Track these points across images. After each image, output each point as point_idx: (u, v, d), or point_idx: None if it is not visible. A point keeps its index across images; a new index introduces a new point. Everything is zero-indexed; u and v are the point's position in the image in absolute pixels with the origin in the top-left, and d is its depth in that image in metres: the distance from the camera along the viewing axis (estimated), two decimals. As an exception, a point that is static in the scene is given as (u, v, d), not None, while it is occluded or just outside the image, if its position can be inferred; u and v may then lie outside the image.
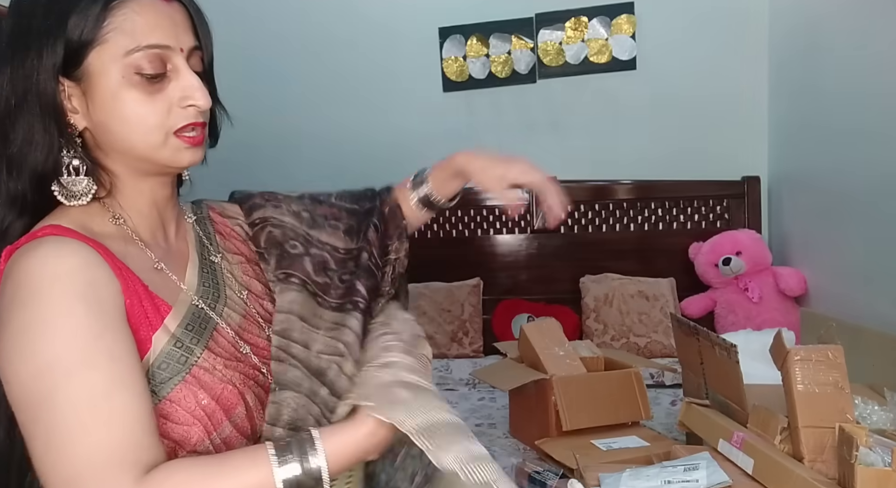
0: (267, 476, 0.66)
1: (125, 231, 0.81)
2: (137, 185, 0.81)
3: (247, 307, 0.87)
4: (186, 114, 0.77)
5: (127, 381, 0.68)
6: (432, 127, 3.29)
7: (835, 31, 2.39)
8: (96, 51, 0.73)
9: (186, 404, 0.74)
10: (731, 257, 2.79)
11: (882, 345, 1.85)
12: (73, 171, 0.77)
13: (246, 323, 0.86)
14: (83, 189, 0.77)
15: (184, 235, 0.90)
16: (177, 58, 0.77)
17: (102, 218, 0.80)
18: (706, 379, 1.60)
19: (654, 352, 2.80)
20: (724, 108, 3.04)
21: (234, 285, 0.88)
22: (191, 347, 0.76)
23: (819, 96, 2.51)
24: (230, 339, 0.82)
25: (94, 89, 0.75)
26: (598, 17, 3.08)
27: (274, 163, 3.36)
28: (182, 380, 0.74)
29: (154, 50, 0.74)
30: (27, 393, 0.67)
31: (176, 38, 0.76)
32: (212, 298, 0.84)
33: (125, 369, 0.69)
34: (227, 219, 0.97)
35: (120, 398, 0.67)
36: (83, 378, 0.66)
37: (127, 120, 0.75)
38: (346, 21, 3.31)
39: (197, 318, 0.80)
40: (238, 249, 0.94)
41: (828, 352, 1.22)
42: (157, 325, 0.75)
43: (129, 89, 0.74)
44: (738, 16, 2.99)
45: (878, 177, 2.09)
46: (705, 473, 1.20)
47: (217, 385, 0.76)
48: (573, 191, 3.15)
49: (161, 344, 0.75)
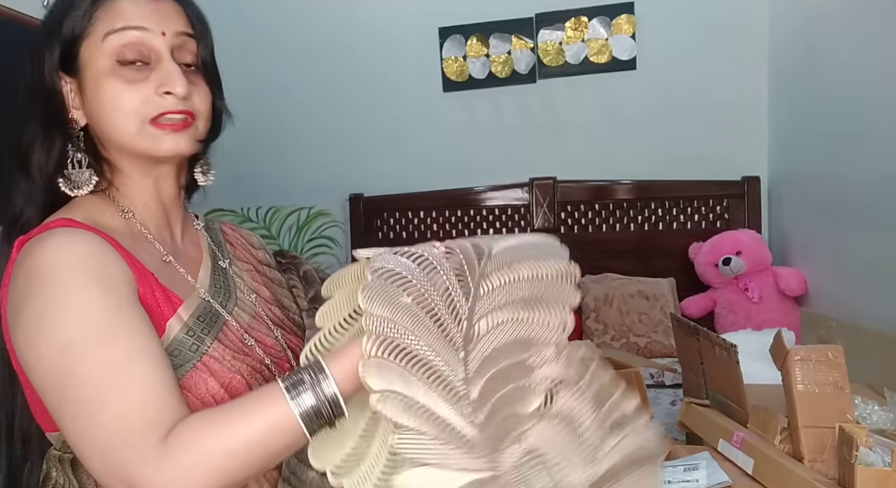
0: (285, 410, 0.63)
1: (134, 224, 0.82)
2: (140, 179, 0.83)
3: (256, 308, 0.89)
4: (164, 102, 0.77)
5: (146, 350, 0.69)
6: (432, 127, 3.30)
7: (834, 31, 2.39)
8: (85, 44, 0.77)
9: (197, 390, 0.75)
10: (731, 257, 2.79)
11: (882, 345, 1.85)
12: (76, 165, 0.80)
13: (255, 322, 0.87)
14: (85, 179, 0.80)
15: (194, 239, 0.92)
16: (157, 43, 0.77)
17: (112, 212, 0.81)
18: (706, 379, 1.60)
19: (654, 352, 2.80)
20: (724, 107, 3.04)
21: (243, 288, 0.90)
22: (202, 337, 0.78)
23: (819, 96, 2.51)
24: (238, 335, 0.83)
25: (85, 81, 0.78)
26: (598, 17, 3.08)
27: (274, 163, 3.37)
28: (193, 367, 0.75)
29: (130, 31, 0.76)
30: (52, 374, 0.67)
31: (157, 23, 0.77)
32: (223, 297, 0.85)
33: (144, 340, 0.69)
34: (238, 234, 1.00)
35: (140, 366, 0.67)
36: (102, 351, 0.67)
37: (106, 108, 0.77)
38: (346, 21, 3.31)
39: (208, 312, 0.81)
40: (247, 259, 0.97)
41: (828, 352, 1.22)
42: (169, 315, 0.76)
43: (111, 78, 0.76)
44: (738, 15, 2.99)
45: (877, 178, 2.09)
46: (705, 473, 1.20)
47: (226, 374, 0.77)
48: (573, 191, 3.17)
49: (174, 331, 0.76)
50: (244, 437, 0.63)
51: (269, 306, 0.92)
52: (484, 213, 3.25)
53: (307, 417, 0.63)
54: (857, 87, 2.21)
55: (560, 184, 3.16)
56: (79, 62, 0.77)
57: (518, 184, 3.20)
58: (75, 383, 0.66)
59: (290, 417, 0.63)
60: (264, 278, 0.96)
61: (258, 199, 3.46)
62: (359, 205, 3.35)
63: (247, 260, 0.97)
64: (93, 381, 0.66)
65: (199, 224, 0.95)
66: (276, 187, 3.32)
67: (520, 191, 3.21)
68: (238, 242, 0.99)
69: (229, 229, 1.00)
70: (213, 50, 0.84)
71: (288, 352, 0.88)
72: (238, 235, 1.00)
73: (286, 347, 0.89)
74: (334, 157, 3.40)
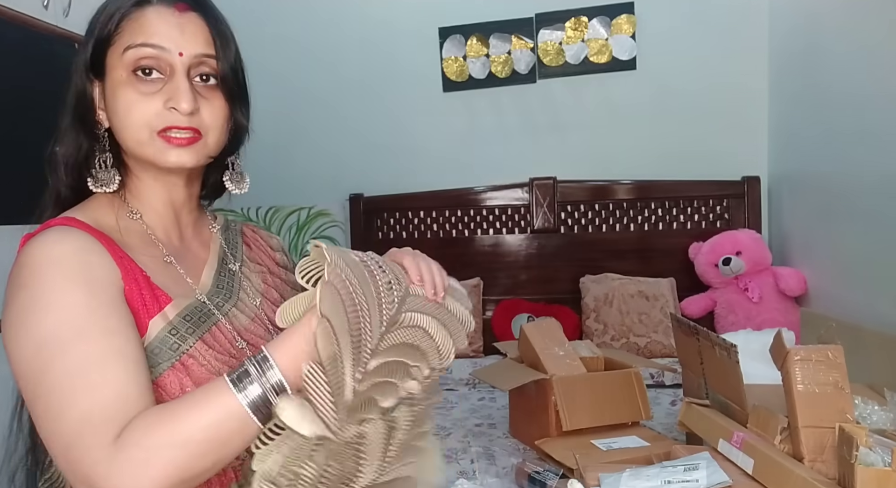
0: (232, 402, 0.66)
1: (140, 225, 0.85)
2: (151, 183, 0.86)
3: (258, 311, 0.90)
4: (171, 116, 0.79)
5: (120, 352, 0.70)
6: (432, 127, 3.30)
7: (834, 31, 2.39)
8: (110, 50, 0.81)
9: (172, 390, 0.75)
10: (731, 257, 2.79)
11: (882, 345, 1.85)
12: (102, 164, 0.83)
13: (253, 325, 0.88)
14: (110, 178, 0.83)
15: (205, 241, 0.93)
16: (174, 61, 0.80)
17: (120, 212, 0.84)
18: (706, 379, 1.60)
19: (654, 352, 2.80)
20: (724, 107, 3.04)
21: (249, 290, 0.91)
22: (185, 336, 0.78)
23: (819, 96, 2.51)
24: (228, 337, 0.83)
25: (107, 86, 0.82)
26: (598, 17, 3.09)
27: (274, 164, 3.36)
28: (171, 366, 0.76)
29: (147, 48, 0.79)
30: (28, 370, 0.70)
31: (176, 43, 0.80)
32: (222, 298, 0.86)
33: (121, 341, 0.71)
34: (258, 236, 1.03)
35: (111, 368, 0.69)
36: (76, 350, 0.69)
37: (120, 115, 0.80)
38: (346, 21, 3.32)
39: (198, 312, 0.82)
40: (262, 260, 0.98)
41: (828, 352, 1.22)
42: (154, 313, 0.78)
43: (127, 87, 0.79)
44: (738, 15, 3.00)
45: (878, 178, 2.09)
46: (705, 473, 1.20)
47: (204, 375, 0.77)
48: (573, 190, 3.18)
49: (157, 329, 0.77)
50: (193, 428, 0.65)
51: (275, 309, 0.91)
52: (484, 213, 3.25)
53: (254, 406, 0.66)
54: (858, 87, 2.21)
55: (560, 184, 3.16)
56: (105, 66, 0.81)
57: (518, 184, 3.20)
58: (47, 381, 0.68)
59: (237, 407, 0.66)
60: (277, 281, 0.97)
61: (258, 199, 3.45)
62: (359, 205, 3.35)
63: (262, 262, 0.98)
64: (62, 380, 0.68)
65: (216, 226, 0.96)
66: (276, 187, 3.32)
67: (520, 191, 3.21)
68: (256, 244, 1.01)
69: (250, 231, 1.03)
70: (236, 64, 0.85)
71: None
72: (258, 237, 1.03)
73: None
74: (334, 157, 3.40)
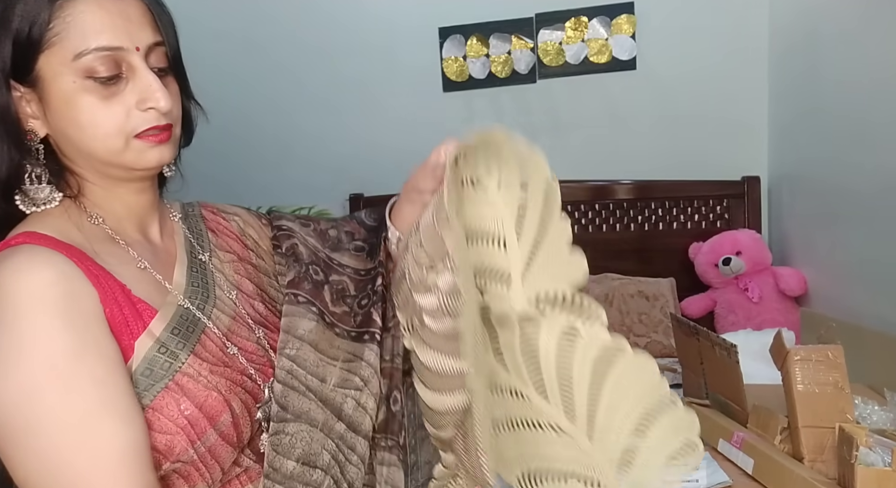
0: None
1: (104, 230, 0.78)
2: (110, 190, 0.79)
3: (236, 308, 0.84)
4: (147, 117, 0.73)
5: (111, 405, 0.66)
6: (432, 127, 3.29)
7: (835, 31, 2.39)
8: (45, 55, 0.70)
9: (169, 412, 0.71)
10: (731, 257, 2.79)
11: (882, 345, 1.85)
12: (35, 179, 0.74)
13: (235, 325, 0.83)
14: (46, 196, 0.75)
15: (171, 234, 0.87)
16: (132, 57, 0.72)
17: (80, 218, 0.77)
18: (706, 379, 1.60)
19: (654, 352, 2.79)
20: (724, 107, 3.04)
21: (223, 284, 0.85)
22: (176, 352, 0.73)
23: (819, 96, 2.51)
24: (218, 343, 0.79)
25: (49, 95, 0.72)
26: (598, 17, 3.08)
27: (273, 163, 3.36)
28: (164, 388, 0.71)
29: (105, 52, 0.70)
30: (11, 418, 0.65)
31: (130, 37, 0.72)
32: (200, 299, 0.81)
33: (110, 392, 0.67)
34: (220, 216, 0.94)
35: (106, 425, 0.66)
36: (66, 402, 0.65)
37: (83, 127, 0.72)
38: (346, 21, 3.31)
39: (184, 321, 0.76)
40: (230, 247, 0.91)
41: (828, 352, 1.22)
42: (138, 332, 0.72)
43: (83, 94, 0.71)
44: (738, 15, 2.99)
45: (878, 177, 2.09)
46: (705, 473, 1.20)
47: (201, 392, 0.72)
48: (573, 191, 3.17)
49: (144, 350, 0.72)
50: None
51: (252, 302, 0.87)
52: (484, 213, 3.25)
53: None
54: (858, 87, 2.21)
55: (560, 184, 3.15)
56: (36, 73, 0.71)
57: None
58: (37, 434, 0.64)
59: None
60: (248, 267, 0.90)
61: (258, 199, 3.44)
62: (359, 205, 3.35)
63: (230, 249, 0.90)
64: (57, 439, 0.64)
65: (176, 215, 0.89)
66: (276, 187, 3.31)
67: (520, 191, 3.20)
68: (220, 228, 0.92)
69: (210, 213, 0.93)
70: (178, 47, 0.79)
71: (270, 353, 0.84)
72: (220, 219, 0.93)
73: (268, 348, 0.84)
74: (334, 157, 3.39)
